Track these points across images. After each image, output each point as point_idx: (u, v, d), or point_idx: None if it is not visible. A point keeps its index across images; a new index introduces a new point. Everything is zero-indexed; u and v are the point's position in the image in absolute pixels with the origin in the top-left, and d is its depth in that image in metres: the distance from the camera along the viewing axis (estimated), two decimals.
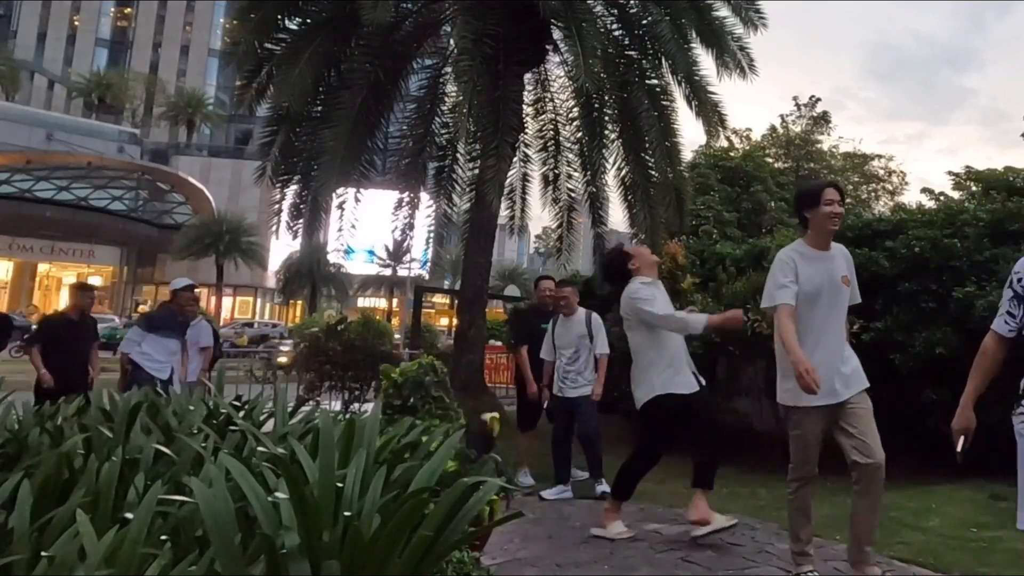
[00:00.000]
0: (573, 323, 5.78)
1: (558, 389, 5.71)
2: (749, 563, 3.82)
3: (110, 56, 57.42)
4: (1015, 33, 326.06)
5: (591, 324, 5.78)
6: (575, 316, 5.81)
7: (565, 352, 5.71)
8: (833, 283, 3.44)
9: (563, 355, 5.72)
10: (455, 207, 10.72)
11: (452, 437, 2.59)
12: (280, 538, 1.73)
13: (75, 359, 6.35)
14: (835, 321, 3.45)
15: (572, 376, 5.66)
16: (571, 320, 5.79)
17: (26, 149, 36.11)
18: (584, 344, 5.70)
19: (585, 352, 5.69)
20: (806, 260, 3.43)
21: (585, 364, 5.68)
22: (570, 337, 5.72)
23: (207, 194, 40.84)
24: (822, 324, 3.40)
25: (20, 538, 1.85)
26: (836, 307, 3.45)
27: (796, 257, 3.45)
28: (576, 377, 5.66)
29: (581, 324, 5.76)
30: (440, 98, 10.28)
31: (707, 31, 9.34)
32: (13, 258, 40.95)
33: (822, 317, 3.40)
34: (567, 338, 5.73)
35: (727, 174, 22.22)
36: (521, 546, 4.10)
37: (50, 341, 6.36)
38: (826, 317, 3.40)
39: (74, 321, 6.54)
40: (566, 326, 5.78)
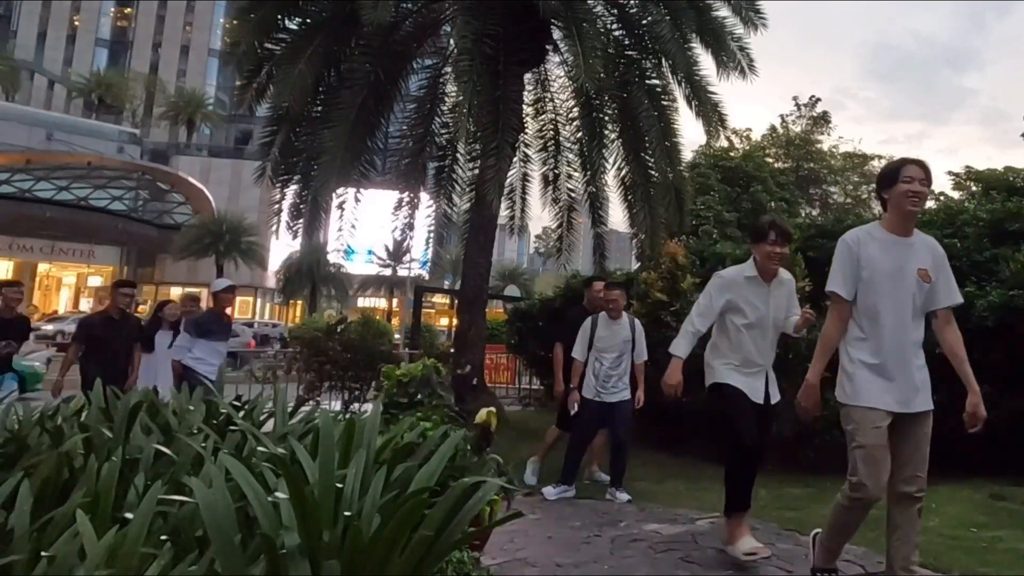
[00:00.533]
0: (619, 327, 5.59)
1: (595, 393, 5.50)
2: (749, 563, 3.81)
3: (110, 56, 57.37)
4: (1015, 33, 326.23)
5: (635, 329, 5.66)
6: (621, 320, 5.62)
7: (608, 356, 5.52)
8: (905, 273, 3.01)
9: (605, 359, 5.52)
10: (455, 207, 10.73)
11: (452, 437, 2.59)
12: (280, 538, 1.73)
13: (116, 358, 6.32)
14: (908, 318, 3.01)
15: (614, 381, 5.51)
16: (617, 324, 5.59)
17: (26, 149, 36.08)
18: (628, 349, 5.57)
19: (628, 358, 5.58)
20: (876, 243, 3.05)
21: (626, 370, 5.56)
22: (615, 341, 5.54)
23: (207, 194, 40.80)
24: (892, 318, 2.98)
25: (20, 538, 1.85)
26: (908, 302, 3.01)
27: (863, 238, 3.06)
28: (617, 382, 5.52)
29: (627, 328, 5.61)
30: (440, 98, 10.28)
31: (707, 31, 9.34)
32: (13, 258, 40.88)
33: (891, 310, 2.99)
34: (612, 341, 5.54)
35: (727, 174, 22.21)
36: (521, 546, 4.10)
37: (90, 340, 6.33)
38: (896, 311, 2.99)
39: (114, 320, 6.51)
40: (611, 329, 5.57)
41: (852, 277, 3.01)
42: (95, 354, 6.21)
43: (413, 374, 4.08)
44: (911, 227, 3.09)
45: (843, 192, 27.17)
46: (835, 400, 3.13)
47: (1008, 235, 6.21)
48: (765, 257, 3.84)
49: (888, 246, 3.03)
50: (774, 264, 3.87)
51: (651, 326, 7.60)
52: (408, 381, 4.03)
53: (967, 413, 3.13)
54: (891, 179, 3.05)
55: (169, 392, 4.02)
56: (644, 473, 6.37)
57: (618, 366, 5.52)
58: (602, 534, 4.44)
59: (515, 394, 12.70)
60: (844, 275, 3.02)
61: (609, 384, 5.50)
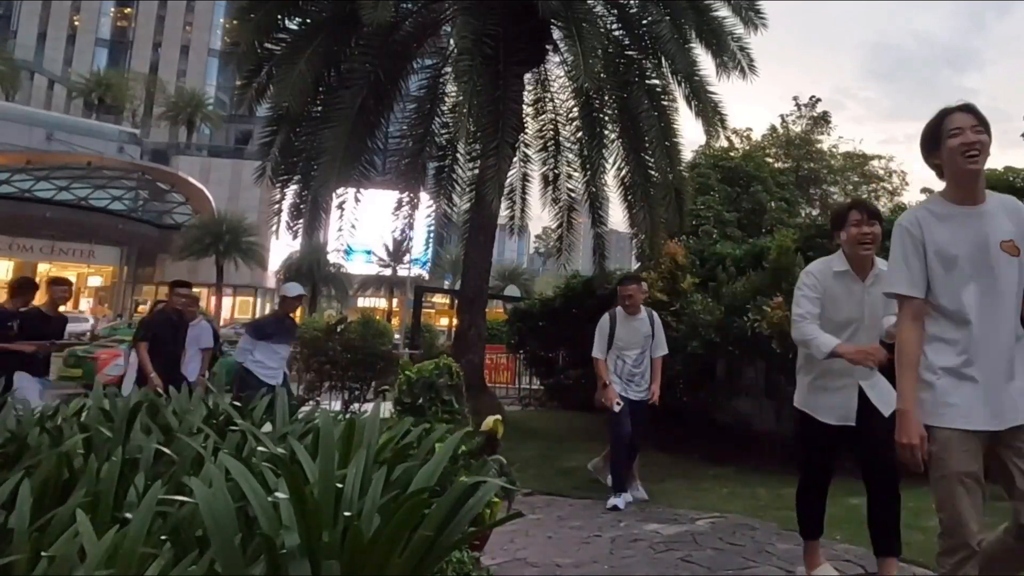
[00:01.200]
0: (639, 322, 5.42)
1: (622, 390, 5.32)
2: (749, 563, 3.81)
3: (110, 56, 57.38)
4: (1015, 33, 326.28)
5: (654, 323, 5.49)
6: (640, 315, 5.45)
7: (630, 353, 5.36)
8: (985, 249, 2.32)
9: (627, 357, 5.36)
10: (455, 207, 10.73)
11: (453, 437, 2.59)
12: (280, 538, 1.73)
13: (175, 357, 6.42)
14: (997, 306, 2.32)
15: (638, 379, 5.36)
16: (636, 319, 5.42)
17: (26, 149, 36.09)
18: (648, 345, 5.40)
19: (647, 353, 5.41)
20: (940, 221, 2.38)
21: (648, 367, 5.40)
22: (636, 337, 5.38)
23: (207, 194, 40.81)
24: (975, 310, 2.31)
25: (20, 538, 1.85)
26: (995, 285, 2.32)
27: (923, 218, 2.40)
28: (641, 380, 5.37)
29: (646, 324, 5.44)
30: (440, 98, 10.28)
31: (707, 31, 9.34)
32: (13, 258, 40.90)
33: (974, 299, 2.31)
34: (633, 339, 5.37)
35: (727, 174, 22.19)
36: (521, 546, 4.10)
37: (152, 340, 6.35)
38: (980, 300, 2.31)
39: (174, 320, 6.57)
40: (631, 326, 5.40)
41: (919, 269, 2.37)
42: (155, 354, 6.22)
43: (423, 373, 3.99)
44: (979, 190, 2.39)
45: (843, 192, 27.12)
46: None
47: None
48: (854, 242, 3.20)
49: (956, 221, 2.36)
50: (866, 249, 3.20)
51: None
52: (415, 381, 3.94)
53: None
54: (935, 137, 2.41)
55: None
56: (644, 473, 6.37)
57: (641, 363, 5.38)
58: (602, 534, 4.44)
59: (515, 394, 12.71)
60: (909, 269, 2.37)
61: (634, 382, 5.36)
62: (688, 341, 6.99)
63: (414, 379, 3.94)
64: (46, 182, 36.63)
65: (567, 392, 10.89)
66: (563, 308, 10.91)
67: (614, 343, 5.37)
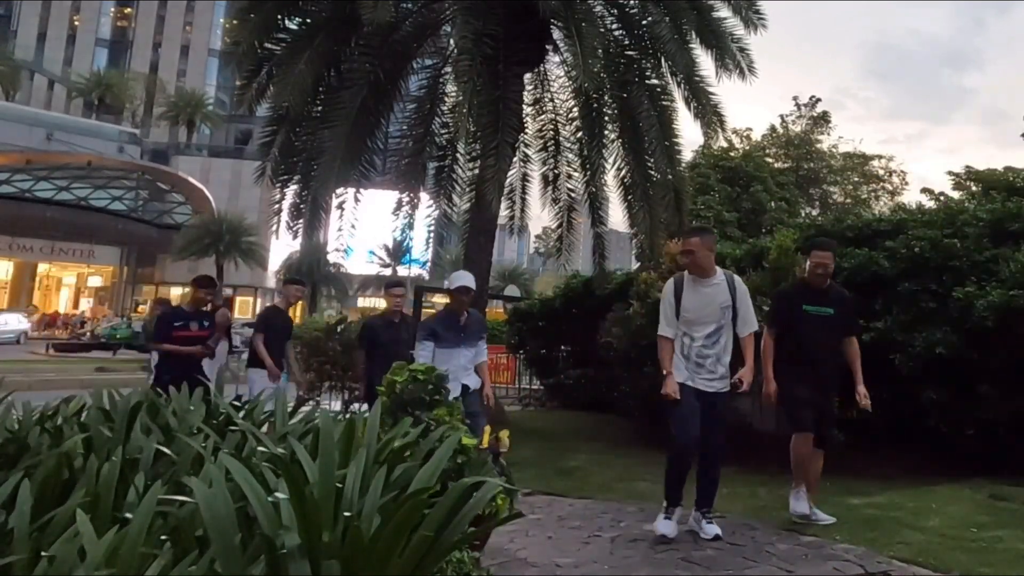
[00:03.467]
0: (713, 289, 4.21)
1: (686, 378, 4.17)
2: (749, 563, 3.81)
3: (110, 56, 57.38)
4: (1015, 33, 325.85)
5: (736, 291, 4.24)
6: (713, 278, 4.22)
7: (700, 329, 4.18)
8: None
9: (695, 334, 4.19)
10: (455, 207, 10.72)
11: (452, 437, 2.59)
12: (280, 538, 1.73)
13: (397, 355, 6.46)
14: None
15: (711, 363, 4.17)
16: (707, 284, 4.20)
17: (26, 149, 36.08)
18: (728, 318, 4.20)
19: (727, 329, 4.22)
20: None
21: (726, 347, 4.21)
22: (709, 308, 4.18)
23: (207, 194, 40.81)
24: None
25: (20, 538, 1.85)
26: None
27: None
28: (716, 365, 4.18)
29: (723, 290, 4.21)
30: (440, 98, 10.27)
31: (707, 31, 9.33)
32: (13, 258, 40.91)
33: None
34: (705, 310, 4.18)
35: (727, 174, 22.20)
36: (521, 546, 4.10)
37: (371, 345, 6.53)
38: None
39: (394, 323, 6.75)
40: (700, 293, 4.19)
41: None
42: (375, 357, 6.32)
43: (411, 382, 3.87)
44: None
45: (843, 192, 27.14)
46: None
47: (1008, 235, 6.20)
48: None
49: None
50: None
51: (651, 327, 7.61)
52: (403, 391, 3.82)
53: None
54: None
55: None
56: (644, 473, 6.37)
57: (715, 343, 4.17)
58: (602, 534, 4.44)
59: (515, 394, 12.71)
60: None
61: (706, 367, 4.17)
62: None
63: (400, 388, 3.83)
64: (46, 182, 36.64)
65: (567, 392, 10.89)
66: (563, 308, 10.91)
67: (681, 315, 4.22)
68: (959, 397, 5.70)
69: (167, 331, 6.09)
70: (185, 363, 5.91)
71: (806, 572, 3.71)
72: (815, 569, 3.74)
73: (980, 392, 5.64)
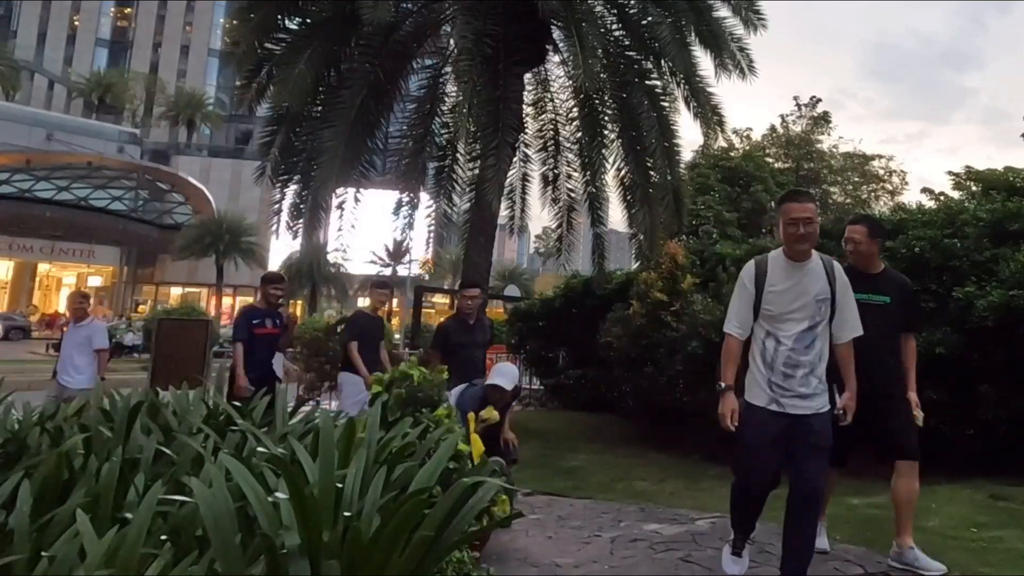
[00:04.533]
0: (808, 276, 3.20)
1: (768, 398, 3.16)
2: (749, 563, 3.81)
3: (110, 56, 57.41)
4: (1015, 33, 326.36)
5: (835, 280, 3.23)
6: (810, 262, 3.22)
7: (788, 327, 3.16)
8: None
9: (783, 333, 3.16)
10: (455, 207, 10.72)
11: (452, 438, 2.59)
12: (280, 538, 1.73)
13: (374, 353, 6.76)
14: None
15: (802, 375, 3.13)
16: (804, 269, 3.20)
17: (26, 149, 36.11)
18: (824, 315, 3.18)
19: (823, 331, 3.19)
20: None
21: (821, 355, 3.18)
22: (803, 300, 3.17)
23: (207, 194, 40.84)
24: None
25: (20, 538, 1.85)
26: None
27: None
28: (809, 378, 3.13)
29: (820, 278, 3.20)
30: (440, 98, 10.27)
31: (707, 32, 9.33)
32: (13, 258, 40.93)
33: None
34: (796, 302, 3.17)
35: (727, 174, 22.20)
36: (521, 546, 4.10)
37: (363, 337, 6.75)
38: None
39: (371, 317, 7.04)
40: (792, 279, 3.19)
41: None
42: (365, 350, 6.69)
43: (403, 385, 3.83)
44: None
45: (843, 192, 27.16)
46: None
47: (1008, 235, 6.20)
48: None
49: None
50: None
51: (651, 326, 7.62)
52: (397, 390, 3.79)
53: None
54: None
55: None
56: (644, 473, 6.38)
57: (809, 347, 3.15)
58: (602, 534, 4.44)
59: None
60: None
61: (794, 380, 3.14)
62: (688, 341, 6.99)
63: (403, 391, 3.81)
64: (46, 182, 36.66)
65: (567, 392, 10.89)
66: (563, 308, 10.91)
67: (761, 309, 3.22)
68: (959, 397, 5.70)
69: (248, 330, 6.07)
70: (265, 362, 6.02)
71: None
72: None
73: (980, 392, 5.64)
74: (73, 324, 6.91)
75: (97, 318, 7.35)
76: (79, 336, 6.69)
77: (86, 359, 6.63)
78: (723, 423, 3.15)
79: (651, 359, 7.53)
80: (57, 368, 6.83)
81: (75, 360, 6.62)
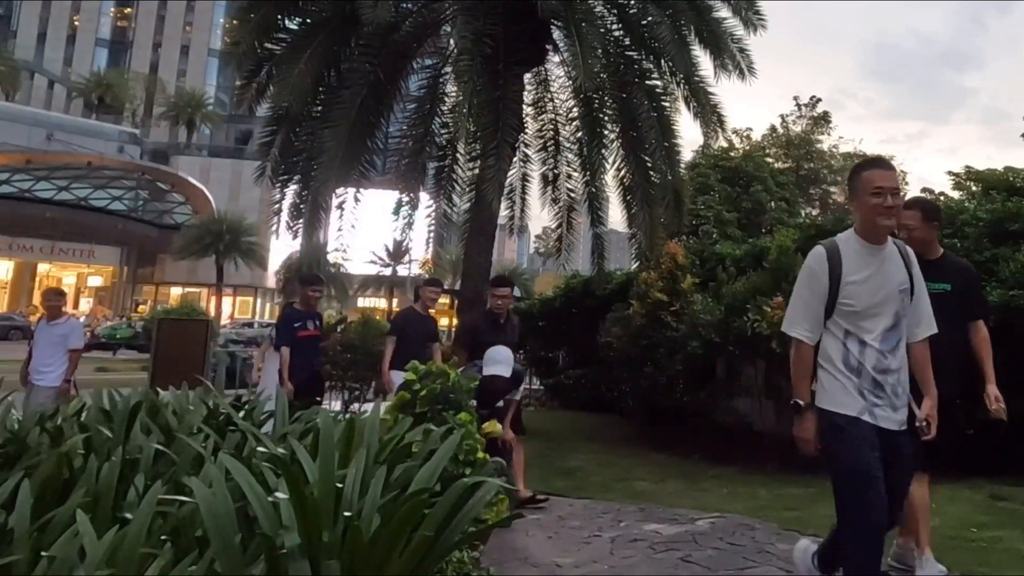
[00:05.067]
0: (888, 262, 2.72)
1: (860, 408, 2.63)
2: (749, 563, 3.81)
3: (110, 56, 57.45)
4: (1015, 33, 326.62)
5: (912, 266, 2.80)
6: (887, 247, 2.75)
7: (874, 324, 2.66)
8: None
9: (867, 334, 2.65)
10: (455, 207, 10.72)
11: (452, 437, 2.59)
12: (280, 538, 1.73)
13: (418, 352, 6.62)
14: None
15: (893, 383, 2.67)
16: (881, 254, 2.72)
17: (26, 149, 36.15)
18: (903, 309, 2.71)
19: (904, 328, 2.74)
20: None
21: (904, 357, 2.74)
22: (885, 291, 2.68)
23: (207, 194, 40.86)
24: None
25: (20, 538, 1.85)
26: None
27: None
28: (898, 385, 2.68)
29: (898, 263, 2.75)
30: (440, 98, 10.26)
31: (707, 32, 9.33)
32: (13, 258, 40.96)
33: None
34: (879, 293, 2.67)
35: (727, 174, 22.21)
36: (521, 546, 4.10)
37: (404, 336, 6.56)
38: None
39: (420, 316, 6.87)
40: (872, 267, 2.69)
41: None
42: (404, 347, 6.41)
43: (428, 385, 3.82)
44: None
45: (843, 192, 27.19)
46: None
47: (1008, 235, 6.20)
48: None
49: None
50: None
51: (651, 326, 7.62)
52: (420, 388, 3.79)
53: None
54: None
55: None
56: (644, 473, 6.38)
57: (896, 347, 2.69)
58: (602, 534, 4.44)
59: None
60: None
61: (886, 389, 2.65)
62: (688, 341, 6.99)
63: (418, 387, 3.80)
64: (46, 182, 36.70)
65: (567, 392, 10.89)
66: (563, 308, 10.91)
67: (837, 304, 2.66)
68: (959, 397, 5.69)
69: (291, 333, 6.04)
70: (310, 364, 6.05)
71: (806, 572, 3.70)
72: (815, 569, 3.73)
73: (980, 392, 5.64)
74: (47, 322, 6.65)
75: (73, 316, 7.14)
76: (53, 335, 6.49)
77: (58, 358, 6.46)
78: (806, 449, 2.66)
79: (651, 359, 7.54)
80: (29, 368, 6.55)
81: (48, 359, 6.43)
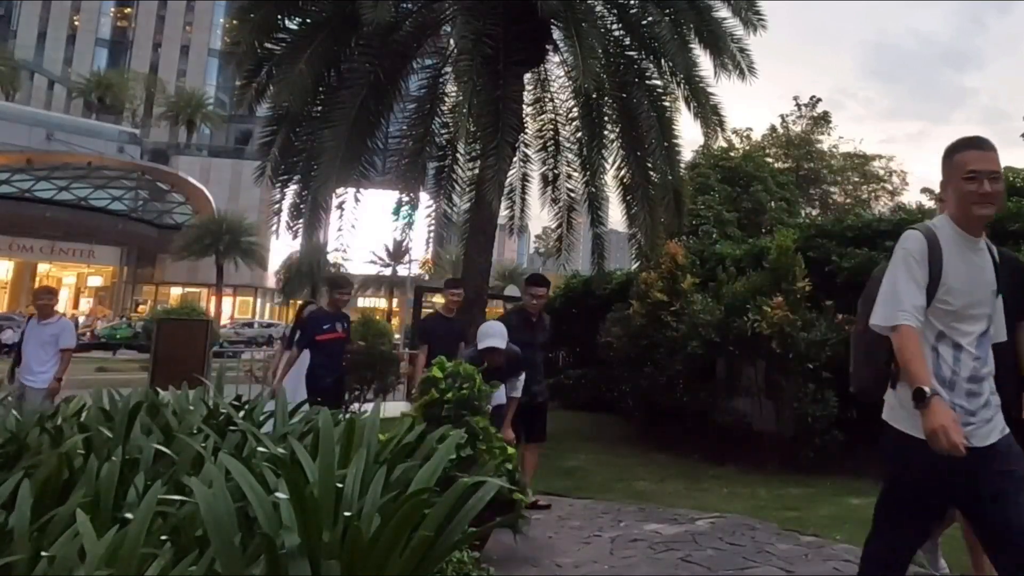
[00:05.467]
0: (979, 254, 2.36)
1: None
2: (749, 563, 3.81)
3: (110, 56, 57.42)
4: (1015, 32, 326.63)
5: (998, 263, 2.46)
6: (980, 242, 2.38)
7: (970, 326, 2.33)
8: None
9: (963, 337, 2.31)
10: (455, 207, 10.72)
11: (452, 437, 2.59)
12: (280, 538, 1.73)
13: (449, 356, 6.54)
14: None
15: (982, 393, 2.31)
16: (976, 247, 2.36)
17: (26, 149, 36.10)
18: (993, 312, 2.40)
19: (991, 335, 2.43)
20: None
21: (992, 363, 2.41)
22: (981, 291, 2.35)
23: (207, 194, 40.82)
24: None
25: (20, 538, 1.85)
26: None
27: None
28: (992, 396, 2.34)
29: (989, 265, 2.39)
30: (440, 98, 10.26)
31: (707, 32, 9.34)
32: (13, 258, 40.93)
33: None
34: (976, 292, 2.33)
35: (727, 174, 22.20)
36: (521, 546, 4.10)
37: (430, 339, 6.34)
38: None
39: (445, 319, 6.57)
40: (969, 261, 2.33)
41: None
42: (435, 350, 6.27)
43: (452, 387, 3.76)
44: None
45: (843, 192, 27.21)
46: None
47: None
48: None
49: None
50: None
51: (651, 326, 7.62)
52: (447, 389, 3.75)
53: None
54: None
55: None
56: (644, 473, 6.38)
57: (988, 356, 2.39)
58: (602, 534, 4.44)
59: None
60: None
61: (980, 401, 2.30)
62: (688, 341, 6.98)
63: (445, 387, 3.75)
64: (46, 182, 36.66)
65: (567, 392, 10.89)
66: (563, 308, 10.91)
67: (935, 300, 2.27)
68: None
69: (316, 334, 6.04)
70: (337, 365, 6.07)
71: (806, 572, 3.71)
72: (815, 569, 3.74)
73: None
74: (38, 321, 6.52)
75: (64, 316, 7.06)
76: (44, 334, 6.38)
77: (50, 358, 6.36)
78: (946, 441, 1.98)
79: (651, 359, 7.54)
80: (19, 367, 6.41)
81: (40, 358, 6.32)
